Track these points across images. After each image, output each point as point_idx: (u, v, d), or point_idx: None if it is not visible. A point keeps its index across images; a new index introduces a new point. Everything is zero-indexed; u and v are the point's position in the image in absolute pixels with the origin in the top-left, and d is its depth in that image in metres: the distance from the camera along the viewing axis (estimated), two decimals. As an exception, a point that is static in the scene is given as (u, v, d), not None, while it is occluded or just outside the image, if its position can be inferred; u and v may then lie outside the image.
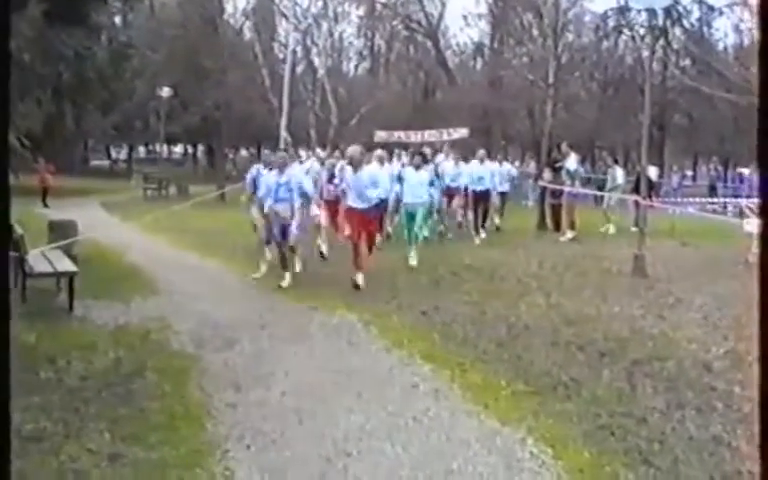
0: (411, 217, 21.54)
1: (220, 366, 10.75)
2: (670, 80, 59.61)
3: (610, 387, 10.35)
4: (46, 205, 38.01)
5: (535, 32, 50.94)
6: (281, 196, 17.60)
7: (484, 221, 27.95)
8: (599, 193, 33.90)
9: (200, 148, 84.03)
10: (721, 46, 62.81)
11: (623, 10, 59.31)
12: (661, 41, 54.55)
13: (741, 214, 30.58)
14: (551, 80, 36.72)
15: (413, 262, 20.44)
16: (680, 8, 57.80)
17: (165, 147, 68.11)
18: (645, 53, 47.43)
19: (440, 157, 30.14)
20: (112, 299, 15.27)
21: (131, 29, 63.36)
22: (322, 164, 24.52)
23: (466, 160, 28.95)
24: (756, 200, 22.88)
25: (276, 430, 8.64)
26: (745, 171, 47.61)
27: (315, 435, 8.55)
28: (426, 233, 23.54)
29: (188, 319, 13.99)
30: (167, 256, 17.35)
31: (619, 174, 32.53)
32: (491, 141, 56.78)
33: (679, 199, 41.10)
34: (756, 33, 3.07)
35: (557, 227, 29.23)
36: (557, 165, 29.89)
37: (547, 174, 30.72)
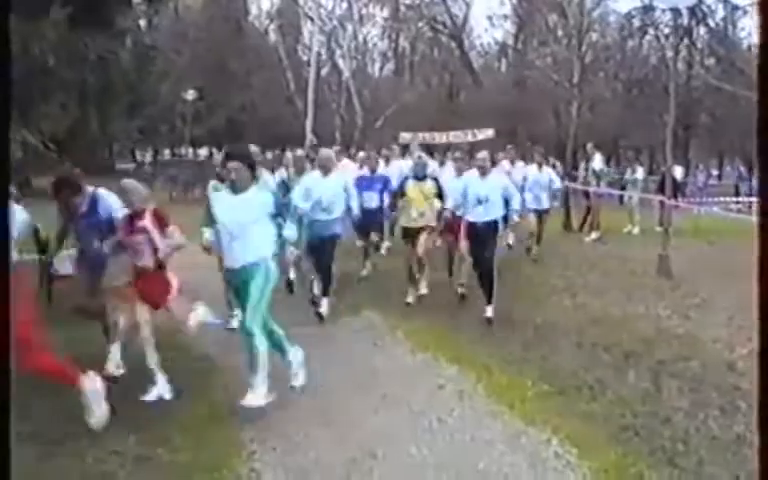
0: (243, 296, 9.84)
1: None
2: (695, 80, 59.37)
3: (635, 387, 10.35)
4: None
5: (560, 32, 51.12)
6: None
7: (490, 289, 14.64)
8: (624, 193, 33.59)
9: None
10: (746, 45, 62.55)
11: (647, 10, 59.08)
12: (686, 40, 54.46)
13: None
14: (576, 80, 36.70)
15: (254, 400, 9.34)
16: (704, 7, 57.58)
17: (190, 150, 68.15)
18: (669, 53, 47.25)
19: (444, 167, 20.96)
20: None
21: (156, 32, 63.55)
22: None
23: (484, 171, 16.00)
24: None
25: (301, 431, 8.67)
26: None
27: (340, 436, 8.59)
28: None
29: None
30: (189, 257, 17.43)
31: (639, 171, 32.21)
32: (517, 142, 56.80)
33: (704, 199, 40.95)
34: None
35: (582, 227, 29.12)
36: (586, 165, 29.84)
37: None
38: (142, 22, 64.01)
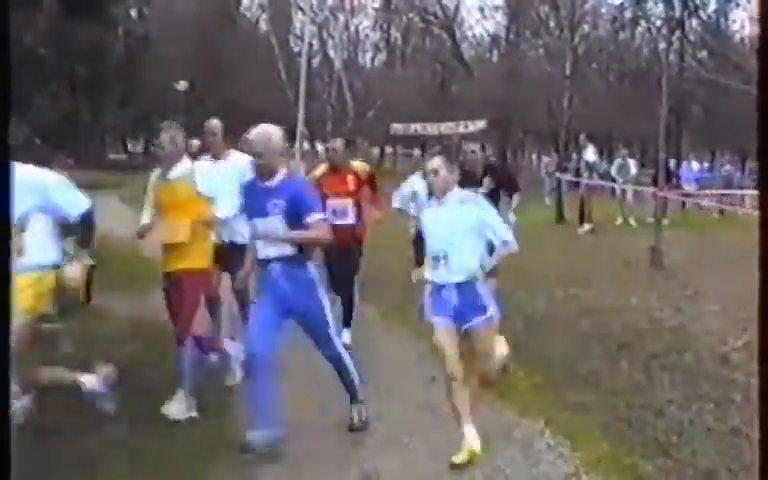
0: None
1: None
2: (687, 72, 59.40)
3: (628, 379, 10.36)
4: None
5: (552, 24, 51.06)
6: None
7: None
8: (617, 185, 33.57)
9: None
10: (738, 37, 62.65)
11: (640, 1, 59.24)
12: (678, 33, 54.47)
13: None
14: (568, 72, 36.69)
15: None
16: (696, -1, 57.74)
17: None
18: (662, 45, 47.29)
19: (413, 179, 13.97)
20: (130, 292, 15.22)
21: (147, 22, 63.35)
22: None
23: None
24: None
25: (293, 420, 8.63)
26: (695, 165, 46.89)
27: (333, 426, 8.57)
28: None
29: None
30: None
31: (631, 165, 32.21)
32: (509, 134, 56.80)
33: (697, 191, 40.95)
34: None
35: (582, 219, 29.03)
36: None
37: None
38: (133, 12, 63.87)
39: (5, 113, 2.95)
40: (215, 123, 11.48)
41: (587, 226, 27.69)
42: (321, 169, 12.50)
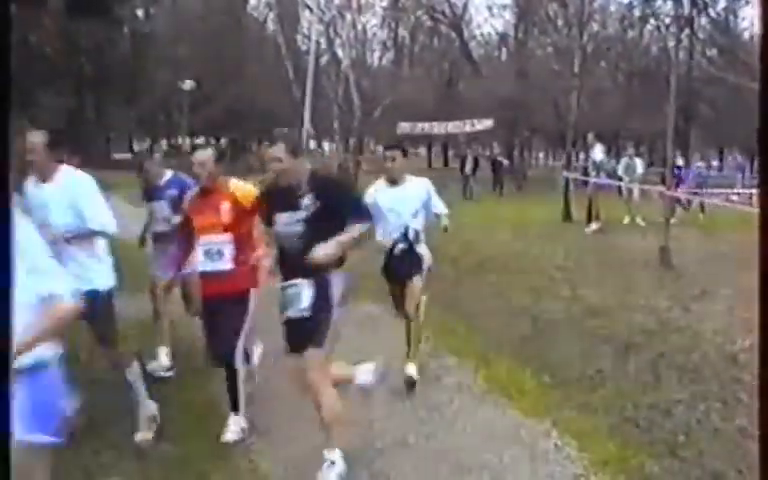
0: None
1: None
2: (696, 70, 59.28)
3: (635, 379, 10.30)
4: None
5: (560, 22, 50.99)
6: None
7: None
8: (624, 184, 33.48)
9: (223, 141, 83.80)
10: (747, 35, 62.53)
11: (648, -1, 59.15)
12: (687, 31, 54.37)
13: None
14: (576, 70, 36.61)
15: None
16: (706, -3, 57.61)
17: (188, 140, 68.23)
18: (671, 43, 47.16)
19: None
20: (136, 292, 15.17)
21: (153, 21, 63.48)
22: None
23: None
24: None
25: (298, 422, 8.57)
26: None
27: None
28: None
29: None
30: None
31: (638, 164, 32.14)
32: (517, 132, 56.69)
33: (705, 190, 40.88)
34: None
35: (589, 218, 28.96)
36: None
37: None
38: (140, 11, 64.00)
39: (5, 113, 2.91)
40: (36, 138, 8.17)
41: (595, 225, 27.65)
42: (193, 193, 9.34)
